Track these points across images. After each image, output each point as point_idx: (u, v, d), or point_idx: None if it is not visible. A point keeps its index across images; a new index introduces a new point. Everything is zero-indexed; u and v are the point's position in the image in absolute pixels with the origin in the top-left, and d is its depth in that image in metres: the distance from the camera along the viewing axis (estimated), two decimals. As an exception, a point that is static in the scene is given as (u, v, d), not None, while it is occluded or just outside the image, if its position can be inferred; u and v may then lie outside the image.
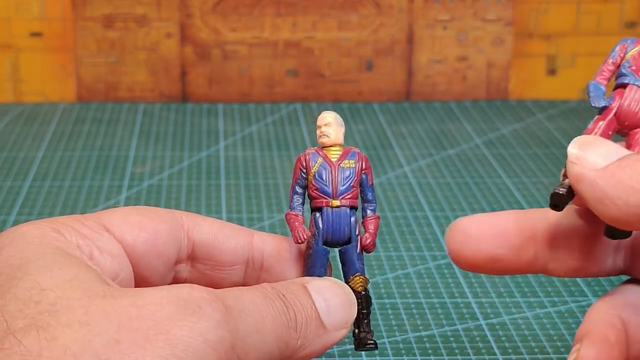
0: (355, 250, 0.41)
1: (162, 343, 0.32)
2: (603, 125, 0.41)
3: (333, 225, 0.41)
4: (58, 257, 0.35)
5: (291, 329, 0.36)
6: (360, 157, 0.42)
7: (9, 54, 1.02)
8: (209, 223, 0.42)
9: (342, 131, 0.42)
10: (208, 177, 0.85)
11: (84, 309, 0.32)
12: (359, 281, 0.41)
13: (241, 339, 0.34)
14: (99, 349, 0.31)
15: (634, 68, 0.42)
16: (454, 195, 0.81)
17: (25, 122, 0.98)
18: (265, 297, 0.36)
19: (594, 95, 0.42)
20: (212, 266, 0.42)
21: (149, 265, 0.40)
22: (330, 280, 0.40)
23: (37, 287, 0.33)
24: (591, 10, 1.04)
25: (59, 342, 0.31)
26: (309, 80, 1.04)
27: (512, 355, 0.57)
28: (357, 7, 1.03)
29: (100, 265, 0.37)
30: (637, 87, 0.42)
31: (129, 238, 0.39)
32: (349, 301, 0.39)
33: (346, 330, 0.39)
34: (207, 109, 1.03)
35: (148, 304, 0.33)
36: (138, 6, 1.02)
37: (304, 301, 0.38)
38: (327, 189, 0.41)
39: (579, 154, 0.38)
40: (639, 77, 0.42)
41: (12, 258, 0.35)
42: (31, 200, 0.79)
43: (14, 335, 0.31)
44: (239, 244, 0.42)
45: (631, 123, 0.42)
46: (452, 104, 1.05)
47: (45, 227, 0.37)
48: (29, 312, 0.32)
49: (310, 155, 0.41)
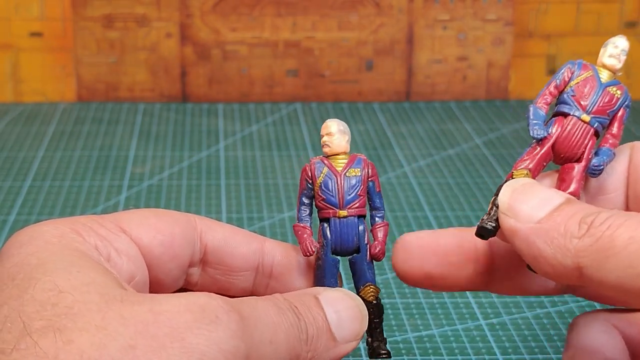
0: (364, 260, 0.41)
1: (178, 351, 0.32)
2: (538, 157, 0.41)
3: (341, 235, 0.41)
4: (76, 259, 0.35)
5: (302, 342, 0.36)
6: (367, 164, 0.41)
7: (9, 54, 1.02)
8: (221, 228, 0.42)
9: (345, 139, 0.41)
10: (208, 177, 0.85)
11: (101, 314, 0.32)
12: (370, 291, 0.41)
13: (255, 349, 0.34)
14: (115, 354, 0.31)
15: (577, 97, 0.41)
16: (454, 195, 0.81)
17: (25, 122, 0.98)
18: (279, 308, 0.36)
19: (533, 124, 0.41)
20: (223, 271, 0.42)
21: (164, 268, 0.40)
22: (342, 292, 0.40)
23: (55, 289, 0.33)
24: (591, 10, 1.04)
25: (75, 345, 0.31)
26: (309, 80, 1.04)
27: (512, 355, 0.57)
28: (357, 7, 1.03)
29: (118, 267, 0.37)
30: (577, 119, 0.41)
31: (146, 240, 0.39)
32: (359, 313, 0.39)
33: (357, 342, 0.39)
34: (207, 109, 1.03)
35: (165, 310, 0.33)
36: (138, 6, 1.02)
37: (315, 313, 0.38)
38: (334, 199, 0.41)
39: (512, 205, 0.37)
40: (580, 107, 0.41)
41: (31, 257, 0.35)
42: (31, 200, 0.79)
43: (30, 336, 0.31)
44: (250, 250, 0.42)
45: (567, 157, 0.41)
46: (452, 104, 1.05)
47: (65, 228, 0.37)
48: (46, 314, 0.32)
49: (316, 165, 0.41)
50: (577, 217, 0.36)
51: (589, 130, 0.41)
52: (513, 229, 0.37)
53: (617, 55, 0.41)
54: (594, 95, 0.41)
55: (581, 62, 0.42)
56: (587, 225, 0.35)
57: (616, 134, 0.42)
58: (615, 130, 0.42)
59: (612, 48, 0.42)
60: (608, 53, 0.42)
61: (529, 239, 0.36)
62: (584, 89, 0.41)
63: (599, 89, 0.41)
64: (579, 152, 0.41)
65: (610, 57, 0.41)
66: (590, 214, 0.35)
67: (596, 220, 0.35)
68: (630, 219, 0.34)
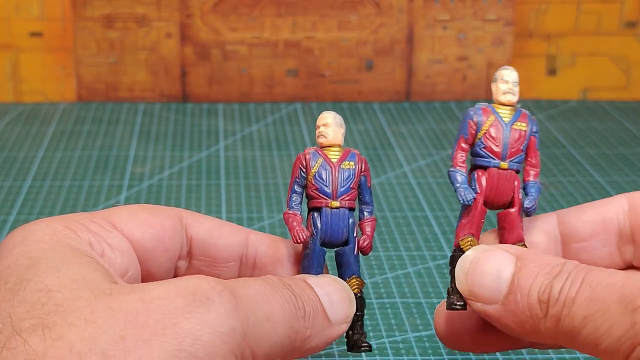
0: (352, 252, 0.41)
1: (170, 337, 0.32)
2: (475, 219, 0.41)
3: (332, 225, 0.41)
4: (67, 255, 0.35)
5: (300, 318, 0.37)
6: (360, 159, 0.42)
7: (9, 54, 1.02)
8: (207, 220, 0.42)
9: (341, 132, 0.42)
10: (208, 177, 0.85)
11: (90, 308, 0.32)
12: (355, 283, 0.41)
13: (252, 328, 0.34)
14: (105, 347, 0.31)
15: (488, 147, 0.42)
16: (454, 195, 0.81)
17: (25, 122, 0.98)
18: (272, 285, 0.36)
19: (459, 189, 0.41)
20: (208, 263, 0.42)
21: (156, 261, 0.40)
22: (329, 277, 0.40)
23: (45, 289, 0.33)
24: (591, 10, 1.04)
25: (65, 341, 0.31)
26: (309, 80, 1.04)
27: (512, 355, 0.57)
28: (357, 7, 1.03)
29: (112, 262, 0.38)
30: (496, 169, 0.42)
31: (137, 235, 0.40)
32: (348, 297, 0.40)
33: (347, 325, 0.40)
34: (207, 109, 1.03)
35: (155, 298, 0.33)
36: (138, 6, 1.02)
37: (309, 292, 0.38)
38: (327, 190, 0.41)
39: (471, 291, 0.38)
40: (495, 157, 0.42)
41: (23, 257, 0.35)
42: (31, 200, 0.79)
43: (19, 335, 0.31)
44: (234, 241, 0.42)
45: (499, 205, 0.42)
46: (452, 104, 1.05)
47: (57, 225, 0.37)
48: (35, 313, 0.32)
49: (311, 155, 0.41)
50: (534, 295, 0.36)
51: (511, 174, 0.42)
52: (483, 312, 0.38)
53: (510, 89, 0.42)
54: (503, 140, 0.42)
55: (479, 108, 0.43)
56: (545, 304, 0.36)
57: (535, 164, 0.43)
58: (534, 160, 0.43)
59: (503, 85, 0.42)
60: (501, 91, 0.42)
61: (501, 320, 0.37)
62: (493, 137, 0.42)
63: (506, 130, 0.42)
64: (508, 198, 0.42)
65: (504, 95, 0.42)
66: (544, 289, 0.36)
67: (551, 298, 0.36)
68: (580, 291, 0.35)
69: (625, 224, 0.43)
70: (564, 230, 0.43)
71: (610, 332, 0.34)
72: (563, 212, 0.44)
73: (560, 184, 0.83)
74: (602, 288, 0.35)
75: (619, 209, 0.43)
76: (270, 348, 0.35)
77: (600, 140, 0.93)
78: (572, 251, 0.43)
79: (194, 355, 0.32)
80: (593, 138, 0.94)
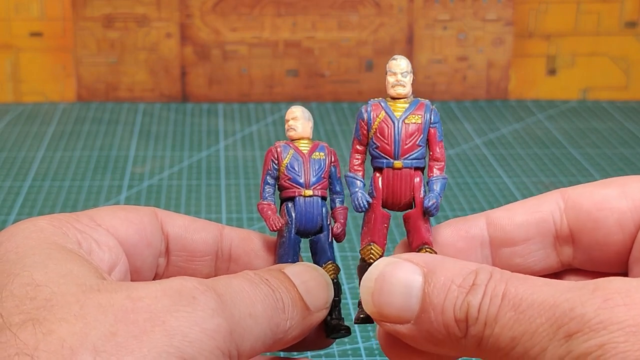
0: (327, 239, 0.42)
1: (159, 334, 0.32)
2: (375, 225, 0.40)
3: (306, 214, 0.42)
4: (54, 251, 0.36)
5: (279, 311, 0.37)
6: (330, 151, 0.43)
7: (9, 54, 1.02)
8: (179, 217, 0.43)
9: (309, 125, 0.43)
10: (208, 177, 0.85)
11: (79, 304, 0.33)
12: (331, 269, 0.42)
13: (236, 324, 0.35)
14: (96, 342, 0.31)
15: (380, 147, 0.39)
16: (454, 195, 0.81)
17: (25, 122, 0.98)
18: (251, 282, 0.37)
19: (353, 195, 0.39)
20: (185, 258, 0.43)
21: (141, 255, 0.41)
22: (305, 265, 0.41)
23: (33, 284, 0.33)
24: (591, 10, 1.04)
25: (56, 335, 0.31)
26: (309, 80, 1.04)
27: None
28: (357, 7, 1.03)
29: (100, 258, 0.38)
30: (390, 169, 0.39)
31: (121, 230, 0.40)
32: (325, 282, 0.40)
33: (326, 310, 0.40)
34: (207, 109, 1.03)
35: (143, 296, 0.33)
36: (138, 6, 1.02)
37: (286, 284, 0.38)
38: (300, 179, 0.42)
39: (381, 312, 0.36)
40: (388, 156, 0.39)
41: (9, 253, 0.35)
42: (31, 200, 0.79)
43: (10, 329, 0.32)
44: (209, 235, 0.43)
45: (401, 206, 0.40)
46: (452, 104, 1.05)
47: (44, 223, 0.38)
48: (24, 308, 0.33)
49: (282, 148, 0.42)
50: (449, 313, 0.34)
51: (408, 173, 0.39)
52: (394, 332, 0.36)
53: (399, 81, 0.39)
54: (394, 137, 0.39)
55: (370, 104, 0.40)
56: (463, 322, 0.33)
57: (439, 157, 0.40)
58: (437, 153, 0.40)
59: (391, 77, 0.39)
60: (390, 84, 0.39)
61: (416, 341, 0.35)
62: (384, 135, 0.39)
63: (396, 126, 0.39)
64: (408, 199, 0.40)
65: (393, 88, 0.39)
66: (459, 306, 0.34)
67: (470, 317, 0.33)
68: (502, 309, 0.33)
69: (562, 223, 0.40)
70: (493, 234, 0.40)
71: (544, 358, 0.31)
72: (492, 213, 0.41)
73: (561, 184, 0.83)
74: (527, 306, 0.32)
75: (554, 207, 0.40)
76: (254, 342, 0.36)
77: (600, 140, 0.93)
78: (503, 256, 0.40)
79: (183, 352, 0.32)
80: (593, 138, 0.94)
